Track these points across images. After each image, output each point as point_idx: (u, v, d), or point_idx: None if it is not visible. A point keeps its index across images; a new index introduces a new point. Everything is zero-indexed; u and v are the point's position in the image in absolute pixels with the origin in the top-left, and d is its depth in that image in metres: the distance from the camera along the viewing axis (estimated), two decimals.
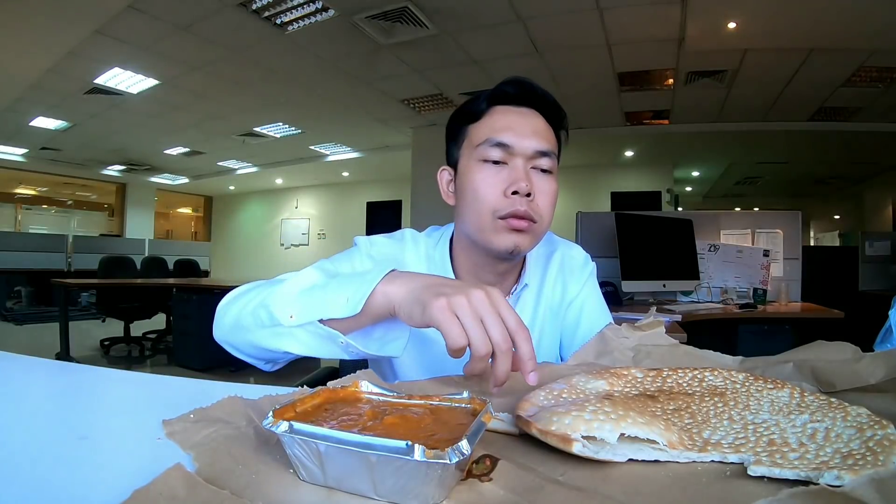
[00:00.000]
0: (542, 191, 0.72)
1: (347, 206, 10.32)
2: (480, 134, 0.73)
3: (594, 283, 0.88)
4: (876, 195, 8.68)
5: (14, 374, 0.60)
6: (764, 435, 0.33)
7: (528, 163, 0.71)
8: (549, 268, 0.84)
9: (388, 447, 0.25)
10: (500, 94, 0.74)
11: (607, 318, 0.84)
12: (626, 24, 3.71)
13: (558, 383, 0.43)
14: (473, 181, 0.72)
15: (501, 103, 0.74)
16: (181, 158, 8.33)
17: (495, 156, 0.71)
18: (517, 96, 0.74)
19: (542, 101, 0.75)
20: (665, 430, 0.33)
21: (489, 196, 0.70)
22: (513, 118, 0.72)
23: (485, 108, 0.75)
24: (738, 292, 2.92)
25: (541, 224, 0.72)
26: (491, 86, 0.76)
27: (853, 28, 3.54)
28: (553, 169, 0.73)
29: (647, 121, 6.07)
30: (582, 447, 0.32)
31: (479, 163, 0.72)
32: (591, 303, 0.85)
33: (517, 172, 0.69)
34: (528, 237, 0.71)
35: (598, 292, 0.88)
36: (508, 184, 0.69)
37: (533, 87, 0.74)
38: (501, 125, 0.72)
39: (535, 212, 0.70)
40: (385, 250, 0.81)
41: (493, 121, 0.73)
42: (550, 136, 0.74)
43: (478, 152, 0.72)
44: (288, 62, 4.51)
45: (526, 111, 0.73)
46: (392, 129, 6.60)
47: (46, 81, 4.84)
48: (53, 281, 4.22)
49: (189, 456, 0.31)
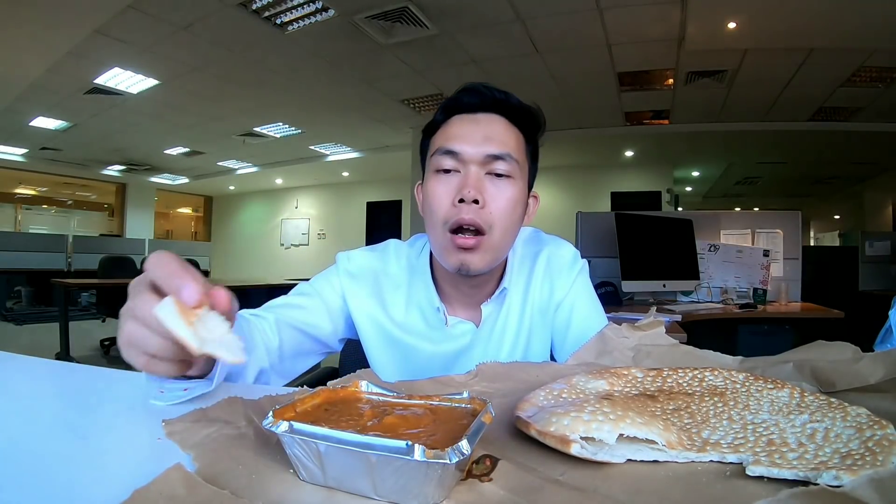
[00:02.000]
0: (495, 197, 0.68)
1: (347, 206, 10.32)
2: (435, 144, 0.72)
3: (585, 282, 0.84)
4: (876, 195, 8.69)
5: (14, 374, 0.60)
6: (763, 435, 0.33)
7: (483, 168, 0.68)
8: (536, 268, 0.82)
9: (388, 447, 0.25)
10: (456, 103, 0.73)
11: (600, 316, 0.81)
12: (626, 24, 3.71)
13: (558, 383, 0.43)
14: (428, 192, 0.71)
15: (459, 112, 0.72)
16: (181, 158, 8.33)
17: (447, 164, 0.69)
18: (473, 104, 0.72)
19: (502, 104, 0.72)
20: (664, 430, 0.33)
21: (440, 206, 0.68)
22: (467, 126, 0.70)
23: (442, 119, 0.74)
24: (738, 292, 2.92)
25: (492, 235, 0.68)
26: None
27: (853, 28, 3.54)
28: (511, 173, 0.69)
29: (647, 121, 6.07)
30: (580, 448, 0.32)
31: (434, 173, 0.70)
32: (582, 302, 0.82)
33: (466, 179, 0.67)
34: (479, 254, 0.68)
35: (590, 291, 0.84)
36: (457, 191, 0.67)
37: (490, 91, 0.72)
38: (454, 133, 0.70)
39: (484, 220, 0.67)
40: (362, 262, 0.81)
41: (448, 130, 0.71)
42: (509, 138, 0.70)
43: (432, 163, 0.71)
44: (288, 62, 4.51)
45: (483, 117, 0.71)
46: (392, 129, 6.60)
47: (46, 81, 4.84)
48: (53, 281, 4.22)
49: (189, 456, 0.31)
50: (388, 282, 0.80)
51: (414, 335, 0.78)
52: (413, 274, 0.80)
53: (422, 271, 0.79)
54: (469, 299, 0.77)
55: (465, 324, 0.77)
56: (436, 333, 0.77)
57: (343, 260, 0.82)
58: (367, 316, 0.79)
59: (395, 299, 0.79)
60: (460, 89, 0.74)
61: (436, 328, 0.77)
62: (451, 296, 0.77)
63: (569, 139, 6.70)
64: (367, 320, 0.79)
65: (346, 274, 0.80)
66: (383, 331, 0.78)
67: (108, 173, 9.37)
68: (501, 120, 0.71)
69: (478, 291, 0.77)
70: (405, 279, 0.80)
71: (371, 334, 0.79)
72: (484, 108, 0.71)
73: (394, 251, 0.83)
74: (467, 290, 0.76)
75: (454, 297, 0.77)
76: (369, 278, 0.80)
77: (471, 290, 0.76)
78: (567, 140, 6.74)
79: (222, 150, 7.83)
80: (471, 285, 0.75)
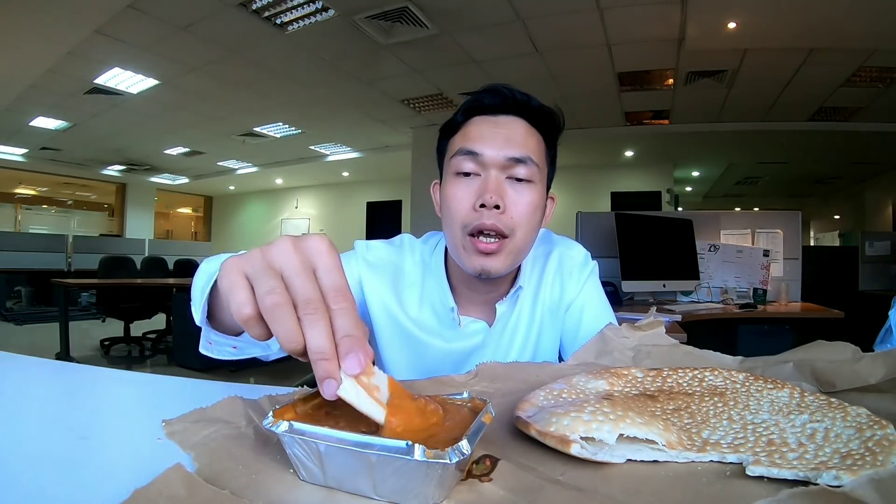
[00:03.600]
0: (516, 202, 0.68)
1: (347, 206, 10.33)
2: (455, 146, 0.71)
3: (595, 283, 0.85)
4: (876, 195, 8.69)
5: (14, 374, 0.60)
6: (763, 435, 0.33)
7: (503, 172, 0.68)
8: (547, 268, 0.82)
9: (388, 447, 0.26)
10: (477, 104, 0.72)
11: (610, 318, 0.81)
12: (626, 24, 3.71)
13: (558, 383, 0.43)
14: (447, 195, 0.70)
15: (480, 113, 0.71)
16: (181, 158, 8.33)
17: (467, 167, 0.68)
18: (494, 105, 0.71)
19: (523, 106, 0.71)
20: (664, 431, 0.33)
21: (460, 210, 0.68)
22: (486, 127, 0.69)
23: (462, 120, 0.73)
24: (738, 292, 2.92)
25: (514, 238, 0.68)
26: None
27: (853, 28, 3.54)
28: (532, 177, 0.69)
29: (647, 121, 6.07)
30: (580, 448, 0.32)
31: (454, 176, 0.70)
32: (593, 304, 0.82)
33: (487, 184, 0.67)
34: (500, 258, 0.68)
35: (600, 292, 0.85)
36: (477, 196, 0.67)
37: (512, 93, 0.71)
38: (474, 135, 0.69)
39: (505, 225, 0.67)
40: (382, 255, 0.81)
41: (468, 131, 0.70)
42: (530, 141, 0.70)
43: (452, 165, 0.70)
44: (288, 62, 4.51)
45: (503, 119, 0.70)
46: (392, 129, 6.60)
47: (46, 81, 4.84)
48: (53, 281, 4.23)
49: (189, 456, 0.31)
50: (404, 277, 0.80)
51: (427, 331, 0.77)
52: (427, 271, 0.80)
53: (436, 270, 0.79)
54: (483, 298, 0.78)
55: (478, 322, 0.77)
56: (448, 332, 0.77)
57: (361, 248, 0.81)
58: (382, 306, 0.78)
59: (410, 295, 0.79)
60: (481, 90, 0.72)
61: (448, 327, 0.77)
62: (465, 295, 0.77)
63: (569, 139, 6.60)
64: (382, 311, 0.78)
65: (364, 262, 0.79)
66: (398, 324, 0.78)
67: (108, 173, 9.37)
68: (522, 122, 0.71)
69: (493, 291, 0.77)
70: (419, 276, 0.80)
71: (385, 326, 0.78)
72: (505, 109, 0.71)
73: (409, 247, 0.83)
74: (483, 290, 0.76)
75: (467, 296, 0.77)
76: (388, 270, 0.79)
77: (486, 290, 0.76)
78: (567, 140, 6.51)
79: (222, 150, 7.83)
80: (487, 286, 0.76)
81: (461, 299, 0.77)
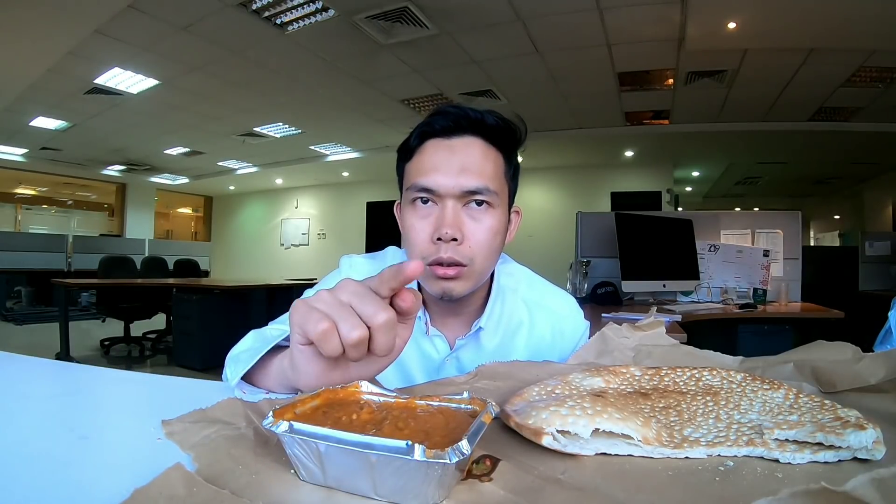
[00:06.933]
0: (474, 231, 0.66)
1: (347, 207, 10.32)
2: (410, 175, 0.69)
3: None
4: (876, 195, 8.69)
5: (14, 374, 0.60)
6: (745, 434, 0.33)
7: (460, 201, 0.66)
8: (536, 321, 0.80)
9: (388, 447, 0.25)
10: (429, 129, 0.69)
11: None
12: (626, 24, 3.71)
13: (554, 379, 0.43)
14: (405, 225, 0.69)
15: (433, 137, 0.69)
16: (181, 158, 8.33)
17: (424, 196, 0.67)
18: (447, 128, 0.68)
19: (477, 124, 0.68)
20: (642, 426, 0.33)
21: (418, 242, 0.67)
22: (441, 155, 0.67)
23: (416, 145, 0.70)
24: (738, 292, 2.92)
25: (473, 265, 0.67)
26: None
27: (853, 28, 3.54)
28: (491, 201, 0.67)
29: (647, 121, 6.07)
30: (552, 440, 0.32)
31: (411, 204, 0.68)
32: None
33: (444, 217, 0.65)
34: (461, 282, 0.67)
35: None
36: (434, 228, 0.65)
37: (464, 111, 0.68)
38: (428, 165, 0.67)
39: (463, 256, 0.66)
40: (364, 270, 0.81)
41: (422, 160, 0.68)
42: (486, 166, 0.67)
43: (408, 194, 0.69)
44: (288, 62, 4.51)
45: (457, 141, 0.68)
46: (392, 129, 6.60)
47: (46, 81, 4.84)
48: (53, 281, 4.23)
49: (189, 456, 0.31)
50: None
51: None
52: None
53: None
54: (454, 311, 0.77)
55: (443, 341, 0.77)
56: (421, 337, 0.78)
57: (346, 266, 0.82)
58: None
59: None
60: (435, 111, 0.70)
61: (420, 332, 0.78)
62: (436, 311, 0.77)
63: (569, 139, 6.69)
64: None
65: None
66: None
67: (108, 173, 9.36)
68: (478, 142, 0.68)
69: (466, 307, 0.76)
70: None
71: None
72: (458, 130, 0.68)
73: (391, 259, 0.83)
74: (451, 307, 0.76)
75: (436, 312, 0.77)
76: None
77: (454, 308, 0.76)
78: (567, 140, 6.73)
79: (222, 150, 7.83)
80: (450, 310, 0.76)
81: (434, 315, 0.77)
